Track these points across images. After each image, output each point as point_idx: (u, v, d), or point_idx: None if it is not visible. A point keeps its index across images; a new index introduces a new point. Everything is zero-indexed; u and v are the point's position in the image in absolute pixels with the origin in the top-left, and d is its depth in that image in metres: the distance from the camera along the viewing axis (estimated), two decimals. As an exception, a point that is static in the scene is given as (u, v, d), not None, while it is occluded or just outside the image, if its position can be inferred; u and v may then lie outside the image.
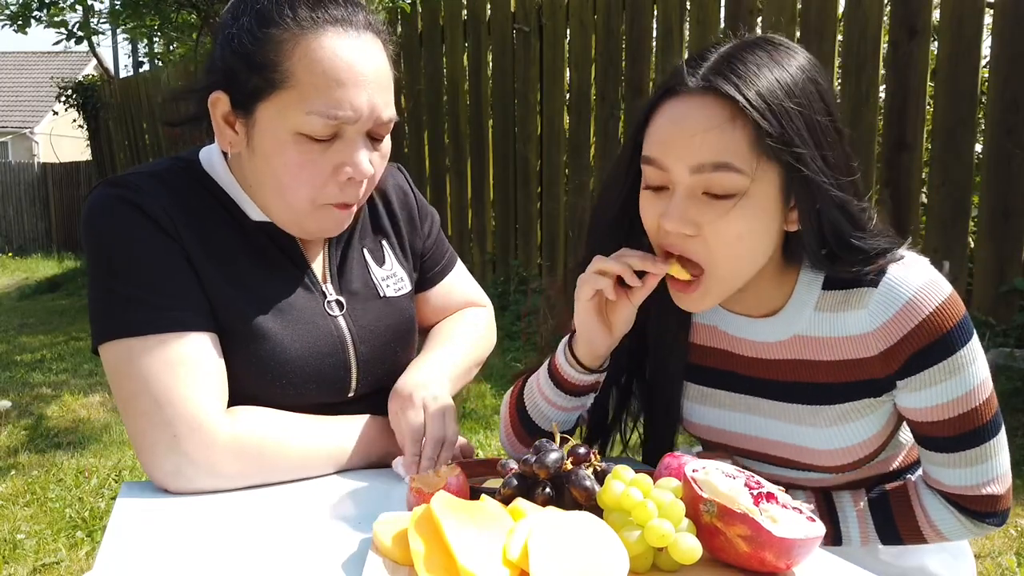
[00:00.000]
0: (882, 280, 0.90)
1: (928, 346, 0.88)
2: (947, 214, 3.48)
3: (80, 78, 9.60)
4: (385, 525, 0.72)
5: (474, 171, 5.48)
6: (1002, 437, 0.95)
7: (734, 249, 0.85)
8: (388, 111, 0.98)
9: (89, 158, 12.04)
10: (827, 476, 1.02)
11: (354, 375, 1.07)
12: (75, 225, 14.96)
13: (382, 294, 1.13)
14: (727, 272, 0.87)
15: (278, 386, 1.00)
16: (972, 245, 3.48)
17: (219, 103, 0.97)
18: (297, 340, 1.02)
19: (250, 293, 1.00)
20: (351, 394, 1.07)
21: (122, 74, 10.96)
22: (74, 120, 10.08)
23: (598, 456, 0.78)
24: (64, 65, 17.88)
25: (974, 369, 0.91)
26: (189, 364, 0.92)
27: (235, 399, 0.97)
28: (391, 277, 1.16)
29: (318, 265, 1.09)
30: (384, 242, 1.18)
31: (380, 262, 1.16)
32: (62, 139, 16.15)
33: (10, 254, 14.72)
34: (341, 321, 1.07)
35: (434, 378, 1.07)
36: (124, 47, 10.91)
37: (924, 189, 3.60)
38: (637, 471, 0.72)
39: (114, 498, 2.52)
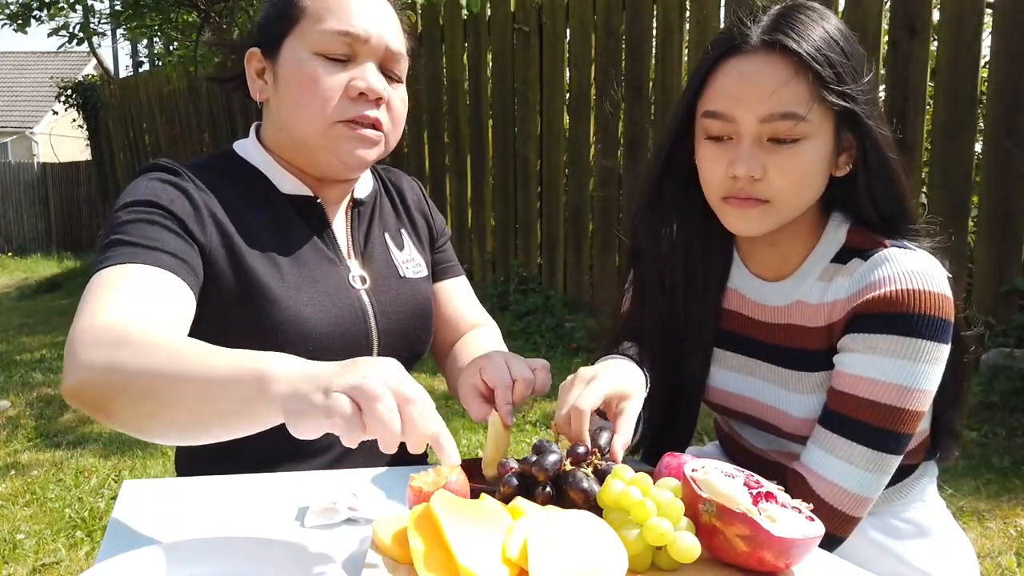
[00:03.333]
0: (878, 253, 0.94)
1: (883, 314, 0.90)
2: (947, 214, 3.48)
3: (80, 78, 9.58)
4: (385, 524, 0.72)
5: (474, 170, 5.48)
6: (892, 465, 0.92)
7: (796, 186, 0.93)
8: (397, 43, 1.07)
9: (89, 158, 12.06)
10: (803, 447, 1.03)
11: (375, 346, 1.11)
12: (75, 225, 14.97)
13: (402, 274, 1.18)
14: (787, 206, 0.94)
15: (297, 350, 1.00)
16: (972, 245, 3.48)
17: (253, 57, 1.08)
18: (321, 309, 1.05)
19: (275, 262, 1.04)
20: None
21: (122, 74, 10.96)
22: (74, 120, 10.08)
23: (598, 455, 0.78)
24: (64, 65, 17.87)
25: (925, 370, 0.89)
26: (121, 284, 0.88)
27: None
28: (410, 261, 1.21)
29: (343, 240, 1.14)
30: (403, 231, 1.24)
31: (400, 247, 1.21)
32: (62, 139, 16.14)
33: (10, 254, 14.73)
34: (363, 295, 1.11)
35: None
36: (124, 47, 10.90)
37: (924, 189, 3.60)
38: (637, 471, 0.73)
39: (114, 498, 2.53)
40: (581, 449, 0.77)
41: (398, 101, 1.09)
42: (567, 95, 4.92)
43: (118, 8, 4.32)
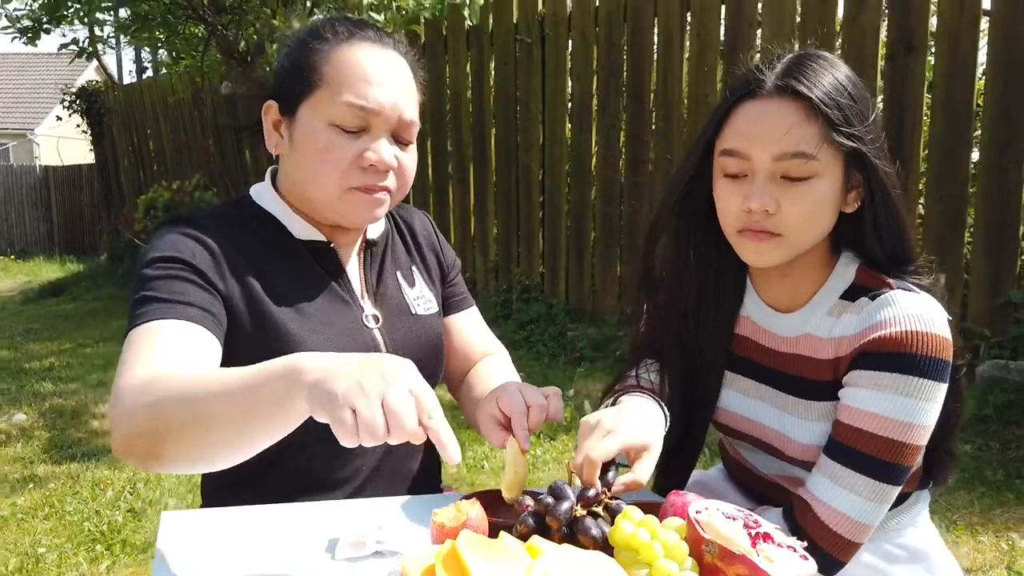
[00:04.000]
0: (884, 295, 0.99)
1: (887, 353, 0.95)
2: (944, 226, 3.54)
3: (83, 83, 9.64)
4: (413, 561, 0.78)
5: (477, 179, 5.54)
6: (891, 496, 0.98)
7: (807, 221, 0.99)
8: (410, 112, 1.12)
9: (91, 160, 12.12)
10: (806, 473, 1.08)
11: None
12: (77, 228, 15.03)
13: (414, 311, 1.23)
14: (798, 239, 1.01)
15: None
16: (968, 257, 3.54)
17: (270, 110, 1.14)
18: (337, 350, 1.07)
19: (292, 306, 1.09)
20: None
21: (125, 77, 11.01)
22: (78, 125, 10.14)
23: (608, 494, 0.84)
24: (65, 67, 17.92)
25: (924, 407, 0.95)
26: (156, 340, 0.95)
27: None
28: (421, 298, 1.26)
29: (356, 282, 1.20)
30: (414, 268, 1.29)
31: (411, 284, 1.27)
32: (65, 141, 16.19)
33: (12, 256, 14.77)
34: (376, 334, 1.17)
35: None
36: (128, 52, 10.95)
37: (921, 201, 3.66)
38: (644, 502, 0.79)
39: (131, 511, 2.60)
40: (592, 492, 0.83)
41: (407, 162, 1.14)
42: (569, 105, 4.98)
43: (126, 21, 4.37)
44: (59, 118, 10.08)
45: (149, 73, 10.30)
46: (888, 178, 1.02)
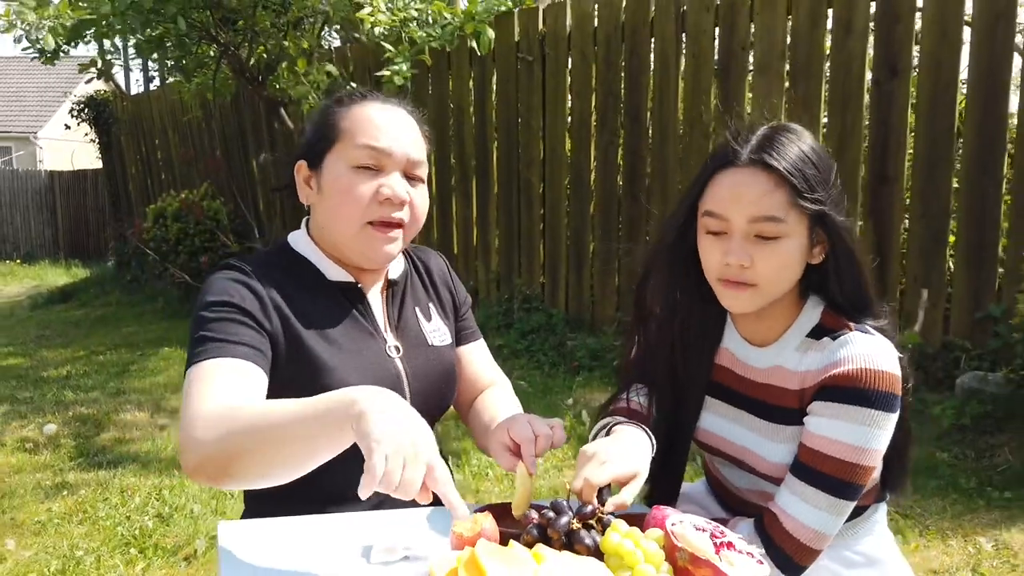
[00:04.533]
0: (844, 336, 1.16)
1: (844, 388, 1.12)
2: (927, 244, 3.71)
3: (91, 92, 9.79)
4: (439, 564, 0.95)
5: (479, 192, 5.70)
6: (847, 509, 1.14)
7: (777, 273, 1.15)
8: (418, 154, 1.30)
9: (95, 165, 12.31)
10: (775, 488, 1.25)
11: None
12: (82, 232, 15.20)
13: (430, 343, 1.40)
14: (770, 289, 1.16)
15: None
16: (950, 273, 3.70)
17: (301, 168, 1.33)
18: (364, 378, 1.26)
19: (325, 339, 1.26)
20: None
21: (133, 86, 11.16)
22: (86, 134, 10.30)
23: (602, 509, 1.01)
24: (69, 72, 18.08)
25: (875, 434, 1.11)
26: (214, 377, 1.13)
27: None
28: (436, 331, 1.43)
29: (380, 317, 1.37)
30: (431, 304, 1.47)
31: (428, 318, 1.44)
32: (70, 145, 16.32)
33: (18, 260, 14.93)
34: (398, 363, 1.34)
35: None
36: (136, 61, 11.08)
37: (906, 219, 3.82)
38: (632, 515, 0.95)
39: (158, 516, 2.76)
40: (589, 509, 0.99)
41: (419, 199, 1.32)
42: (569, 121, 5.14)
43: (143, 43, 4.54)
44: (67, 126, 10.20)
45: (156, 83, 10.46)
46: (848, 235, 1.17)
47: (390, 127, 1.28)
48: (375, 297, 1.38)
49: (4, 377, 5.16)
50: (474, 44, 4.13)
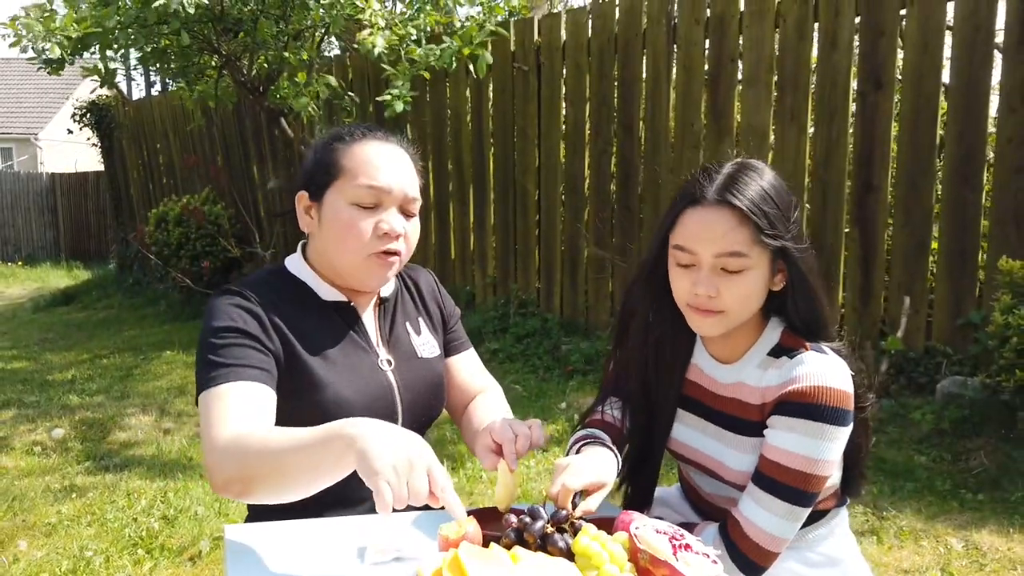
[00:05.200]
0: (799, 355, 1.26)
1: (798, 403, 1.22)
2: (910, 252, 3.81)
3: (93, 96, 9.88)
4: (426, 565, 1.05)
5: (476, 199, 5.81)
6: (802, 515, 1.24)
7: (741, 302, 1.24)
8: (413, 191, 1.38)
9: (96, 167, 12.40)
10: (739, 494, 1.35)
11: (400, 416, 1.43)
12: (83, 234, 15.32)
13: (420, 355, 1.50)
14: (735, 315, 1.25)
15: None
16: (932, 281, 3.80)
17: (302, 198, 1.40)
18: (358, 390, 1.37)
19: (321, 356, 1.36)
20: None
21: (134, 91, 11.25)
22: (88, 138, 10.39)
23: (574, 515, 1.11)
24: (68, 71, 18.16)
25: (827, 447, 1.21)
26: (230, 401, 1.24)
27: None
28: (426, 344, 1.53)
29: (372, 333, 1.46)
30: (420, 319, 1.57)
31: (418, 332, 1.54)
32: (72, 146, 16.42)
33: (20, 263, 15.04)
34: (390, 375, 1.43)
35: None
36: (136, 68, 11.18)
37: (890, 228, 3.92)
38: (602, 518, 1.07)
39: (164, 518, 2.86)
40: (563, 514, 1.10)
41: (412, 231, 1.41)
42: (563, 129, 5.25)
43: (147, 54, 4.64)
44: (70, 131, 10.30)
45: (158, 87, 10.55)
46: (805, 265, 1.28)
47: (389, 166, 1.36)
48: (367, 314, 1.48)
49: (10, 381, 5.26)
50: (471, 67, 4.23)
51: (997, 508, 2.67)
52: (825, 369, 1.24)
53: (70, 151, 17.86)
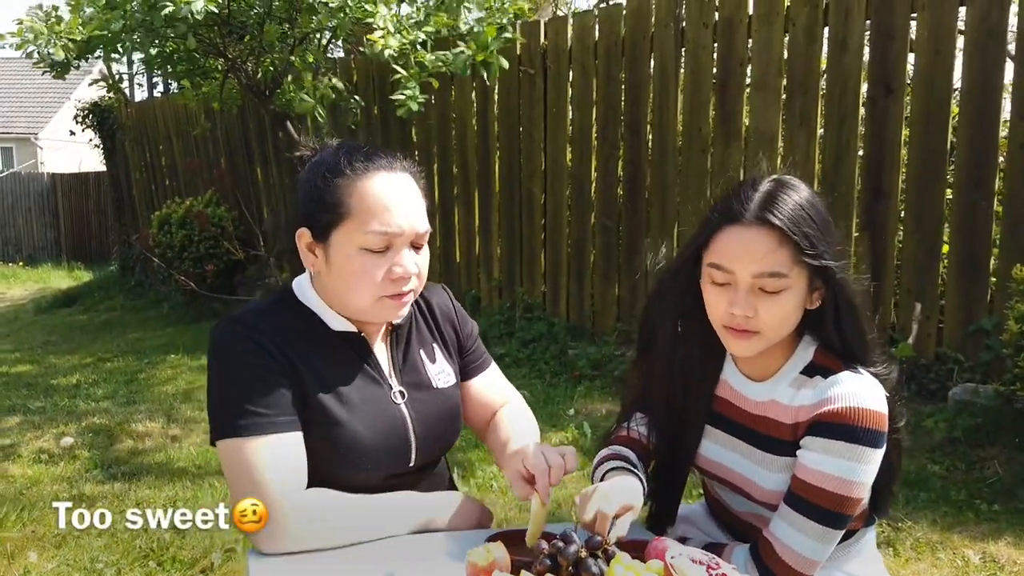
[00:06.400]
0: (834, 375, 1.24)
1: (834, 424, 1.20)
2: (920, 258, 3.79)
3: (95, 98, 9.86)
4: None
5: (481, 202, 5.79)
6: (836, 537, 1.22)
7: (780, 323, 1.23)
8: (423, 225, 1.32)
9: (97, 168, 12.38)
10: (770, 512, 1.32)
11: (414, 450, 1.39)
12: (84, 235, 15.29)
13: (434, 385, 1.45)
14: (772, 335, 1.24)
15: (354, 461, 1.32)
16: (943, 287, 3.78)
17: (303, 236, 1.32)
18: (371, 426, 1.33)
19: (331, 389, 1.32)
20: (411, 464, 1.39)
21: (136, 92, 11.24)
22: (90, 139, 10.37)
23: (609, 542, 1.09)
24: (71, 73, 18.11)
25: (862, 469, 1.19)
26: (277, 457, 1.23)
27: (319, 475, 1.27)
28: (441, 373, 1.48)
29: (384, 363, 1.41)
30: (434, 345, 1.51)
31: (432, 360, 1.48)
32: (74, 147, 16.39)
33: (21, 263, 15.02)
34: (403, 408, 1.39)
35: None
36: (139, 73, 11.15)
37: (900, 234, 3.90)
38: (635, 540, 1.05)
39: (172, 527, 2.84)
40: (598, 539, 1.08)
41: (424, 263, 1.34)
42: (570, 132, 5.23)
43: (153, 59, 4.62)
44: (72, 132, 10.28)
45: (160, 88, 10.53)
46: (849, 286, 1.25)
47: (400, 207, 1.29)
48: (378, 343, 1.42)
49: (15, 386, 5.24)
50: (484, 73, 4.21)
51: (1013, 519, 2.66)
52: (861, 390, 1.22)
53: (73, 151, 17.82)
